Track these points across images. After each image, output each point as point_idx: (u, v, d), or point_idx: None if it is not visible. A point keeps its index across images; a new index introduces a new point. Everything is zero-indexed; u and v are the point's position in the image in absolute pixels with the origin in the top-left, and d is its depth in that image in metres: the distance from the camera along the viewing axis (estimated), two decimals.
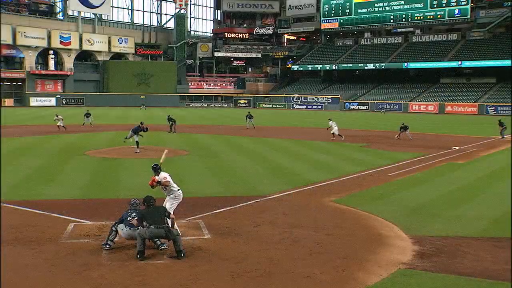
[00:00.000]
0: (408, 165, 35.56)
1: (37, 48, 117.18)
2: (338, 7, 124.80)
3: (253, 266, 15.33)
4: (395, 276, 14.69)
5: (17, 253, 16.74)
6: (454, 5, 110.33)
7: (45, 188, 27.35)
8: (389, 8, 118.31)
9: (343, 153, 41.34)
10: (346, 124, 71.25)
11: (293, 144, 46.58)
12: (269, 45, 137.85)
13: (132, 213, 17.16)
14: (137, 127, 41.37)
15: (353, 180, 30.24)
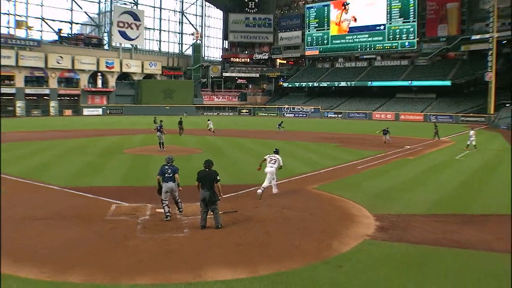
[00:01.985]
0: (372, 160, 35.59)
1: (89, 71, 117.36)
2: (318, 39, 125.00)
3: (253, 238, 15.50)
4: (362, 245, 14.94)
5: (75, 225, 17.16)
6: (405, 39, 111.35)
7: (94, 178, 27.49)
8: (357, 40, 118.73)
9: (322, 151, 41.33)
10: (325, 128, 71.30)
11: (283, 144, 46.40)
12: (265, 67, 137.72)
13: (169, 170, 18.24)
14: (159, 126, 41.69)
15: (330, 172, 30.27)
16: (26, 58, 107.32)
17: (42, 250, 14.48)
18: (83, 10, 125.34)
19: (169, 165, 18.58)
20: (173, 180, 18.36)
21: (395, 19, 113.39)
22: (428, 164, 34.40)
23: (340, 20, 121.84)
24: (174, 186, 18.37)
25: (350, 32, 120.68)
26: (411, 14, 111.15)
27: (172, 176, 18.30)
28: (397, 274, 12.56)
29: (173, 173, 18.34)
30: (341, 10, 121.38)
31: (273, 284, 11.84)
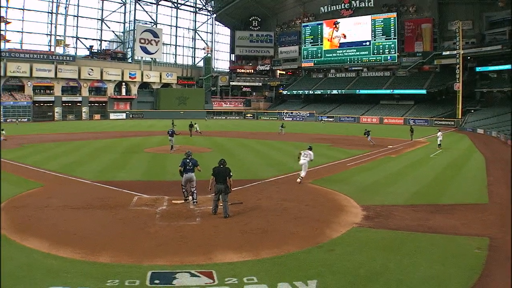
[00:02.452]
0: (360, 158, 35.52)
1: (115, 81, 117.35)
2: (313, 53, 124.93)
3: (256, 226, 15.58)
4: (350, 232, 15.05)
5: (103, 214, 17.33)
6: (387, 53, 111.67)
7: (119, 173, 27.52)
8: (346, 54, 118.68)
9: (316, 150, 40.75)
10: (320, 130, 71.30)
11: (282, 144, 46.47)
12: (267, 77, 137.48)
13: (189, 162, 18.95)
14: (171, 130, 40.70)
15: (323, 168, 30.20)
16: (63, 71, 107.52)
17: (75, 234, 14.66)
18: (110, 29, 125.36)
19: (190, 158, 19.15)
20: (193, 171, 18.98)
21: (378, 36, 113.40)
22: (407, 161, 34.37)
23: (332, 37, 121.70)
24: (193, 176, 18.94)
25: (341, 47, 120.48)
26: (392, 33, 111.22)
27: (192, 168, 18.97)
28: (380, 255, 12.66)
29: (193, 165, 18.99)
30: (332, 28, 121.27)
31: (273, 265, 11.92)
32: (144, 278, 11.05)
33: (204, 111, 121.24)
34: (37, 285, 10.60)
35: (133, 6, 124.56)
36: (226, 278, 11.07)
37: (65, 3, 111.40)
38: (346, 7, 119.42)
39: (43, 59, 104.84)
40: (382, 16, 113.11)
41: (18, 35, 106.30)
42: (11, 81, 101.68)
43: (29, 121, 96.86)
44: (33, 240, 14.03)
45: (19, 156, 35.41)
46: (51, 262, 12.17)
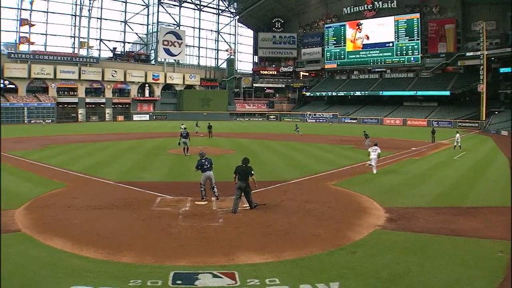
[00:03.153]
0: (383, 160, 35.10)
1: (138, 83, 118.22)
2: (336, 54, 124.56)
3: (278, 228, 15.54)
4: (373, 234, 14.96)
5: (126, 214, 17.46)
6: (410, 55, 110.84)
7: (142, 174, 27.67)
8: (369, 55, 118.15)
9: (339, 152, 41.11)
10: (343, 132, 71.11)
11: (306, 146, 46.35)
12: (290, 79, 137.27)
13: (205, 162, 19.74)
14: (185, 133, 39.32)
15: (346, 170, 30.09)
16: (87, 72, 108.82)
17: (98, 234, 14.79)
18: (133, 31, 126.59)
19: (205, 158, 19.90)
20: (211, 170, 19.66)
21: (401, 38, 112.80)
22: (430, 163, 34.09)
23: (355, 38, 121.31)
24: (212, 174, 19.66)
25: (364, 48, 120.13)
26: (415, 33, 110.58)
27: (210, 166, 19.66)
28: (402, 257, 12.58)
29: (209, 164, 19.69)
30: (355, 29, 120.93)
31: (296, 267, 11.90)
32: (167, 278, 11.09)
33: (227, 112, 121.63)
34: (60, 284, 10.69)
35: (156, 8, 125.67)
36: (248, 279, 11.06)
37: (88, 6, 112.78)
38: (369, 8, 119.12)
39: (67, 61, 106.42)
40: (405, 17, 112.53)
41: (42, 38, 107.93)
42: (35, 83, 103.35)
43: (53, 122, 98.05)
44: (56, 239, 14.16)
45: (43, 157, 35.85)
46: (74, 262, 12.27)
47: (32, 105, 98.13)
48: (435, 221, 16.65)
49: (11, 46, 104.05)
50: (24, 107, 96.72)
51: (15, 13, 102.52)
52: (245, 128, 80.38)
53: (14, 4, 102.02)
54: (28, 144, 46.69)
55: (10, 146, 43.75)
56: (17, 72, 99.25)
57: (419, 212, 17.88)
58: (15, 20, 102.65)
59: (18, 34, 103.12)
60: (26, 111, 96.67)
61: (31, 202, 19.35)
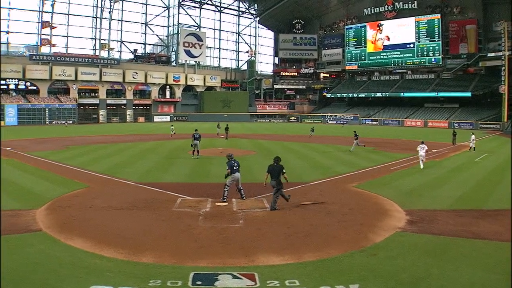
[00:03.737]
0: (403, 162, 35.10)
1: (159, 84, 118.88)
2: (356, 55, 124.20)
3: (299, 229, 15.54)
4: (393, 236, 14.90)
5: (146, 215, 17.55)
6: (431, 56, 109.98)
7: (163, 175, 27.83)
8: (390, 56, 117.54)
9: (360, 154, 40.92)
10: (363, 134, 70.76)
11: (326, 147, 46.31)
12: (310, 80, 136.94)
13: (235, 163, 19.92)
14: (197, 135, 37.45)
15: (367, 172, 29.97)
16: (108, 74, 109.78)
17: (119, 234, 14.91)
18: (154, 33, 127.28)
19: (234, 160, 20.06)
20: (239, 171, 19.94)
21: (422, 38, 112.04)
22: (451, 165, 33.80)
23: (375, 39, 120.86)
24: (239, 176, 19.93)
25: (384, 49, 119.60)
26: (436, 34, 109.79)
27: (238, 168, 19.90)
28: (423, 260, 12.52)
29: (238, 165, 19.94)
30: (376, 30, 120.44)
31: (315, 268, 11.89)
32: (187, 279, 11.14)
33: (247, 114, 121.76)
34: (81, 284, 10.80)
35: (176, 10, 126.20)
36: (268, 280, 11.07)
37: (109, 8, 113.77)
38: (390, 9, 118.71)
39: (88, 62, 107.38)
40: (426, 17, 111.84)
41: (64, 40, 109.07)
42: (56, 84, 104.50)
43: (74, 123, 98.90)
44: (77, 239, 14.31)
45: (65, 158, 36.21)
46: (95, 262, 12.38)
47: (54, 106, 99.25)
48: (456, 223, 16.55)
49: (33, 48, 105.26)
50: (46, 108, 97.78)
51: (37, 16, 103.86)
52: (266, 130, 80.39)
53: (36, 6, 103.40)
54: (49, 145, 47.13)
55: (31, 147, 44.27)
56: (38, 74, 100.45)
57: (440, 215, 17.77)
58: (36, 23, 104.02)
59: (39, 36, 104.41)
60: (47, 112, 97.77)
61: (52, 202, 19.58)
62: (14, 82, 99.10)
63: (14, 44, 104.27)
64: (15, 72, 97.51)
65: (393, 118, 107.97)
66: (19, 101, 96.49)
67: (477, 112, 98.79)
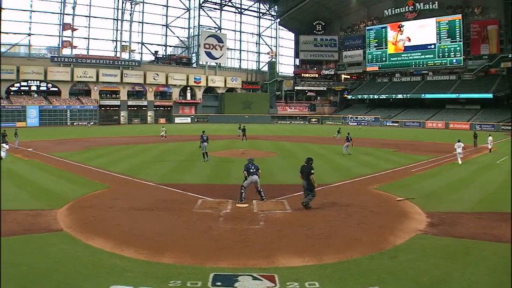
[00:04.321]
0: (424, 164, 34.90)
1: (180, 86, 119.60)
2: (377, 57, 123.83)
3: (319, 231, 15.51)
4: (414, 239, 14.80)
5: (167, 215, 17.66)
6: (452, 57, 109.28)
7: (184, 176, 27.90)
8: (411, 57, 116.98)
9: (381, 156, 40.77)
10: (384, 136, 70.55)
11: None
12: (331, 82, 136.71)
13: (252, 166, 20.24)
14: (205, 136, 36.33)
15: (388, 174, 29.84)
16: (129, 76, 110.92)
17: (139, 235, 14.99)
18: (175, 35, 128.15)
19: (252, 163, 20.28)
20: (257, 174, 20.02)
21: (443, 39, 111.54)
22: (472, 167, 33.47)
23: (396, 40, 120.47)
24: (257, 178, 20.01)
25: (405, 50, 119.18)
26: (457, 35, 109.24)
27: (256, 171, 20.03)
28: (443, 263, 12.42)
29: (256, 169, 20.07)
30: (397, 32, 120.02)
31: (336, 271, 11.86)
32: (206, 280, 11.17)
33: (268, 115, 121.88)
34: (101, 283, 10.87)
35: (197, 12, 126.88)
36: (288, 282, 11.05)
37: (130, 10, 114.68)
38: (410, 9, 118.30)
39: (109, 64, 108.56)
40: (447, 18, 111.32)
41: (85, 42, 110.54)
42: (78, 86, 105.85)
43: (95, 124, 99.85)
44: (98, 239, 14.42)
45: (85, 158, 36.58)
46: (115, 262, 12.48)
47: (75, 108, 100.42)
48: (477, 226, 16.36)
49: (54, 50, 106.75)
50: (67, 110, 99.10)
51: (58, 18, 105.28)
52: (287, 131, 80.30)
53: (57, 9, 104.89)
54: (71, 146, 47.60)
55: (52, 148, 44.70)
56: (60, 76, 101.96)
57: (461, 217, 17.60)
58: (58, 25, 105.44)
59: (60, 38, 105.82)
60: (69, 113, 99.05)
61: (73, 203, 19.76)
62: (36, 83, 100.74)
63: (35, 46, 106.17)
64: (36, 73, 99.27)
65: (414, 119, 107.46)
66: (40, 102, 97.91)
67: (499, 113, 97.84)
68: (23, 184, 24.39)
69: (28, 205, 19.06)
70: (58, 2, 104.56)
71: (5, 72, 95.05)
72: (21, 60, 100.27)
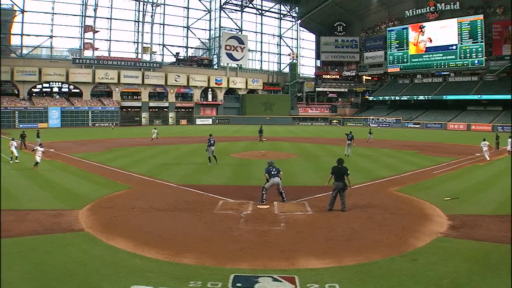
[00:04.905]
0: (446, 166, 34.61)
1: (201, 87, 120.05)
2: (399, 57, 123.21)
3: (340, 233, 15.54)
4: (435, 241, 14.73)
5: (188, 216, 17.80)
6: (474, 57, 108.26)
7: (205, 177, 28.00)
8: (432, 58, 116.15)
9: (402, 157, 40.54)
10: (405, 137, 70.17)
11: (368, 150, 45.92)
12: (352, 83, 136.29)
13: (273, 169, 20.26)
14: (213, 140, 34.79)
15: (409, 176, 29.62)
16: (150, 77, 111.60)
17: (160, 235, 15.12)
18: (196, 36, 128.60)
19: (272, 166, 20.35)
20: (278, 176, 20.05)
21: (465, 40, 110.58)
22: (494, 170, 33.10)
23: (418, 41, 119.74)
24: (279, 180, 20.06)
25: (427, 51, 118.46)
26: (479, 35, 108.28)
27: (277, 173, 20.04)
28: (464, 266, 12.36)
29: (277, 171, 20.09)
30: (418, 32, 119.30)
31: (356, 273, 11.86)
32: (227, 280, 11.23)
33: (289, 117, 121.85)
34: (122, 283, 10.99)
35: (218, 13, 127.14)
36: (308, 284, 11.09)
37: (151, 12, 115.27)
38: (432, 10, 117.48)
39: (130, 66, 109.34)
40: (469, 18, 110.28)
41: (106, 43, 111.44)
42: (99, 87, 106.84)
43: (117, 125, 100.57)
44: (119, 240, 14.60)
45: (107, 159, 36.96)
46: (136, 262, 12.61)
47: (96, 109, 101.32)
48: (499, 229, 16.21)
49: (76, 52, 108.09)
50: (89, 111, 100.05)
51: (79, 20, 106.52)
52: (308, 133, 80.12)
53: (78, 11, 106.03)
54: (92, 147, 48.03)
55: (74, 148, 45.13)
56: (81, 77, 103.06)
57: (482, 220, 17.47)
58: (79, 27, 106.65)
59: (82, 40, 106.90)
60: (90, 114, 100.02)
61: (94, 203, 19.99)
62: (57, 85, 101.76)
63: (57, 48, 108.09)
64: (58, 75, 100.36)
65: (436, 121, 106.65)
66: (62, 103, 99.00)
67: None
68: (45, 185, 24.73)
69: (49, 205, 19.35)
70: (79, 5, 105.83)
71: (28, 74, 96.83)
72: (43, 61, 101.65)
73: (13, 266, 12.01)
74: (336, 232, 15.63)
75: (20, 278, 11.25)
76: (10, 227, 15.82)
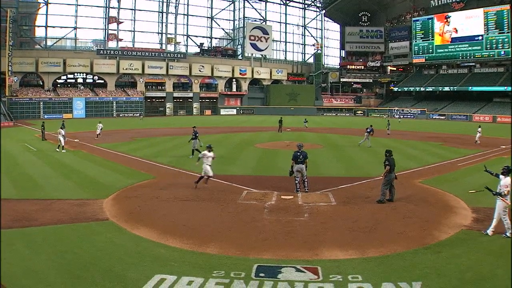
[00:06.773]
0: (471, 158, 34.32)
1: (225, 77, 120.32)
2: (424, 48, 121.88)
3: (364, 224, 15.53)
4: (459, 234, 14.69)
5: (212, 206, 17.90)
6: (500, 48, 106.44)
7: (229, 167, 28.20)
8: (458, 49, 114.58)
9: (427, 149, 40.26)
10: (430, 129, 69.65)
11: (393, 142, 45.60)
12: (377, 74, 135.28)
13: (300, 155, 20.33)
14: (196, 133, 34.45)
15: (434, 168, 29.48)
16: (174, 68, 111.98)
17: (184, 225, 15.27)
18: (220, 27, 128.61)
19: (300, 151, 20.44)
20: (303, 163, 20.24)
21: (491, 30, 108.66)
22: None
23: (443, 31, 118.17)
24: (303, 167, 20.25)
25: (452, 42, 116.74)
26: (505, 26, 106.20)
27: (303, 160, 20.19)
28: (488, 260, 12.28)
29: (303, 158, 20.24)
30: (443, 23, 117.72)
31: (379, 264, 11.86)
32: (250, 270, 11.30)
33: (314, 107, 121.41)
34: (145, 272, 11.10)
35: (242, 3, 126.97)
36: (331, 275, 11.11)
37: (175, 3, 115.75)
38: (457, 0, 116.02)
39: (154, 56, 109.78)
40: (495, 8, 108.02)
41: (130, 34, 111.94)
42: (123, 78, 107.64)
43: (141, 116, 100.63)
44: (143, 229, 14.78)
45: (131, 149, 37.35)
46: (160, 251, 12.75)
47: (121, 99, 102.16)
48: None
49: (100, 43, 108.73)
50: (113, 101, 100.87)
51: (103, 11, 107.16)
52: (332, 123, 79.88)
53: (102, 2, 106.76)
54: (117, 137, 48.48)
55: (99, 139, 45.34)
56: (106, 68, 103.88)
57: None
58: (103, 18, 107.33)
59: (106, 31, 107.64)
60: (115, 105, 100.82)
61: (119, 193, 20.27)
62: (82, 76, 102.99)
63: (82, 39, 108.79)
64: (83, 66, 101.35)
65: (461, 113, 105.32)
66: (87, 94, 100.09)
67: None
68: (69, 174, 25.06)
69: (74, 195, 19.64)
70: None
71: (52, 65, 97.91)
72: (68, 53, 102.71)
73: (38, 254, 12.23)
74: (360, 224, 15.59)
75: (45, 266, 11.43)
76: (36, 216, 16.13)
